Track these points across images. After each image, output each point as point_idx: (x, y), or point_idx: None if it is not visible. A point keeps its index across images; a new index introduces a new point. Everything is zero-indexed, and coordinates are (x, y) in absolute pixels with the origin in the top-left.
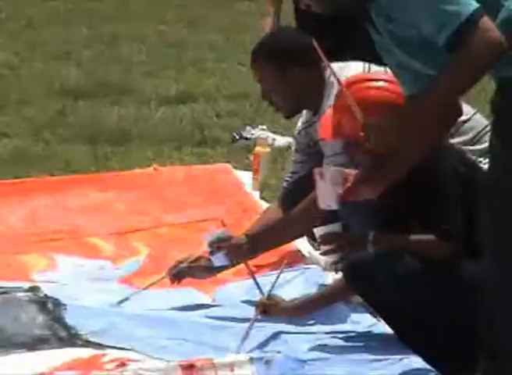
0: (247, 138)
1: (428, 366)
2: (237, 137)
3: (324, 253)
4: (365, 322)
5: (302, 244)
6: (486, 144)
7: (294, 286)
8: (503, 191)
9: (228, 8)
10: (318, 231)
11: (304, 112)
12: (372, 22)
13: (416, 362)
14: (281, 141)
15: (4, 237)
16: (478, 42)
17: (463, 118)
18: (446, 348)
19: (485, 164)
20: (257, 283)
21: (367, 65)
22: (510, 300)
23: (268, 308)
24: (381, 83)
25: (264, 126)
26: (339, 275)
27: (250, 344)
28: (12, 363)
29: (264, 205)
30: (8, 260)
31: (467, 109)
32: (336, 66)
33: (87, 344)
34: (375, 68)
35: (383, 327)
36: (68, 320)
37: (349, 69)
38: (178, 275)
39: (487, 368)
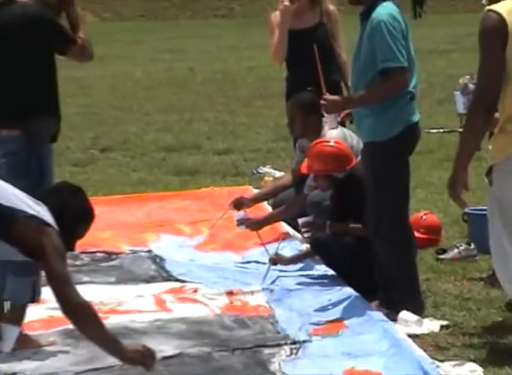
0: (260, 173)
1: (354, 292)
2: (255, 172)
3: (304, 233)
4: (322, 269)
5: (289, 229)
6: None
7: (286, 251)
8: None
9: (250, 104)
10: (300, 221)
11: None
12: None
13: (348, 290)
14: (279, 174)
15: (133, 224)
16: (394, 83)
17: None
18: (363, 283)
19: None
20: (266, 249)
21: (339, 130)
22: (386, 258)
23: (276, 261)
24: (331, 143)
25: (270, 166)
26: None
27: (263, 283)
28: (138, 289)
29: (269, 207)
30: (136, 236)
31: None
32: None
33: (177, 280)
34: (344, 130)
35: (332, 272)
36: (167, 268)
37: (330, 133)
38: (238, 206)
39: (381, 295)
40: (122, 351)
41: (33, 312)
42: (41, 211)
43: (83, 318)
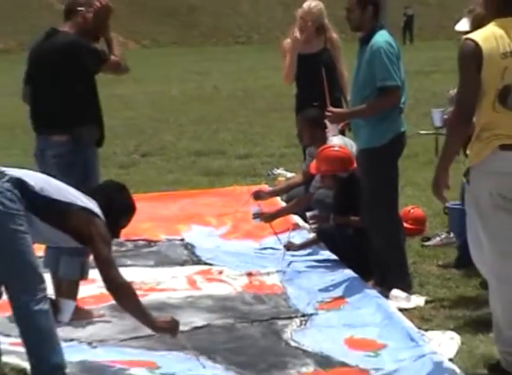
0: (274, 174)
1: (353, 274)
2: (270, 173)
3: (311, 224)
4: (327, 254)
5: (299, 220)
6: None
7: (296, 239)
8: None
9: (266, 116)
10: (308, 214)
11: None
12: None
13: (348, 272)
14: (290, 175)
15: (169, 217)
16: (390, 98)
17: None
18: (361, 266)
19: None
20: (278, 238)
21: (340, 138)
22: (380, 245)
23: (289, 247)
24: (336, 148)
25: (282, 168)
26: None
27: (277, 266)
28: (173, 271)
29: (283, 203)
30: (171, 227)
31: None
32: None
33: (205, 263)
34: (345, 139)
35: (334, 257)
36: (197, 253)
37: (333, 141)
38: (257, 197)
39: (376, 276)
40: (153, 322)
41: (86, 290)
42: (91, 204)
43: (123, 295)
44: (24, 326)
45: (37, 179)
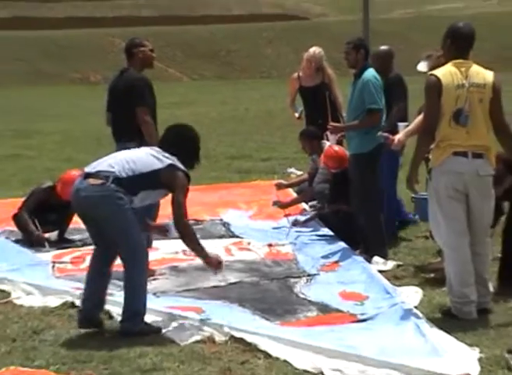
0: (288, 172)
1: (345, 245)
2: (285, 172)
3: (313, 210)
4: (326, 231)
5: (306, 206)
6: None
7: (302, 218)
8: (355, 182)
9: (283, 130)
10: (309, 204)
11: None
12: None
13: (342, 244)
14: (299, 173)
15: (211, 203)
16: (375, 118)
17: None
18: (351, 239)
19: None
20: (287, 219)
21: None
22: (364, 223)
23: (295, 223)
24: (336, 148)
25: (294, 168)
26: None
27: (289, 240)
28: (214, 242)
29: (294, 193)
30: (213, 210)
31: None
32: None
33: (238, 237)
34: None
35: (331, 233)
36: (232, 229)
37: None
38: (278, 186)
39: (362, 247)
40: (206, 255)
41: (152, 255)
42: (170, 160)
43: (186, 230)
44: (126, 281)
45: (124, 163)
